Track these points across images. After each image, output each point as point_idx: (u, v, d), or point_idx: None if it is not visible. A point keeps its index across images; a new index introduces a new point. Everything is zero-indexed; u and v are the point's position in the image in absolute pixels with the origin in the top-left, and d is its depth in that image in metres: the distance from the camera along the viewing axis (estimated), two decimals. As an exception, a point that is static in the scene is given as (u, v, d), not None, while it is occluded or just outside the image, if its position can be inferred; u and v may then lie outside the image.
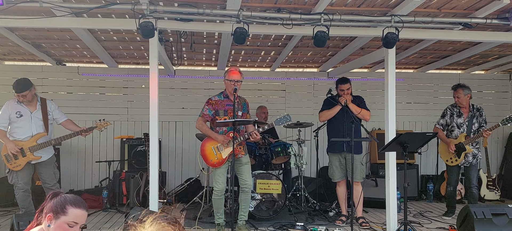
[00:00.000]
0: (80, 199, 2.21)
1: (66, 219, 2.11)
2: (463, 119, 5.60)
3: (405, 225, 4.21)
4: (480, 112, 5.61)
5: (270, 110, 6.99)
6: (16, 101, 4.86)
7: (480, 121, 5.59)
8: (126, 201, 6.31)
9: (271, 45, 6.15)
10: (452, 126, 5.65)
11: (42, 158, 4.83)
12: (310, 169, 7.44)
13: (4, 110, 4.83)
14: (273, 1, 4.34)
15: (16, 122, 4.78)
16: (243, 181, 4.78)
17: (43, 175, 4.89)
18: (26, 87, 4.81)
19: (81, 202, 2.20)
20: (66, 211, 2.12)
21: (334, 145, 5.33)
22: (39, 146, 4.76)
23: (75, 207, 2.14)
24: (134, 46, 6.24)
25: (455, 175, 5.67)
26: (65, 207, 2.12)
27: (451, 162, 5.65)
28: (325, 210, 5.91)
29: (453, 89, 5.68)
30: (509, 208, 4.42)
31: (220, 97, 4.81)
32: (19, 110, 4.81)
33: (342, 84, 5.25)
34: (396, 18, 4.48)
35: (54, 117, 5.02)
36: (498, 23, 4.58)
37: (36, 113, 4.88)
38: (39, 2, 4.04)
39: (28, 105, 4.87)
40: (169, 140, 7.43)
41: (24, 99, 4.81)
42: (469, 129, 5.56)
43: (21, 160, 4.72)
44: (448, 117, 5.71)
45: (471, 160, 5.54)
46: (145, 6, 4.17)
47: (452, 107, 5.74)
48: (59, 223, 2.10)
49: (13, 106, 4.83)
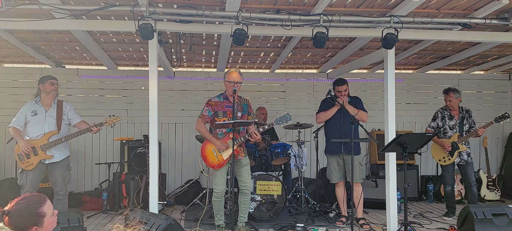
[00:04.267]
0: (36, 194, 2.27)
1: (48, 217, 2.19)
2: (454, 121, 5.73)
3: (405, 226, 4.21)
4: (469, 113, 5.81)
5: (269, 111, 6.99)
6: (34, 101, 4.94)
7: (470, 122, 5.77)
8: (126, 203, 6.31)
9: (270, 47, 6.15)
10: (445, 129, 5.77)
11: (55, 158, 4.82)
12: (310, 170, 7.44)
13: (22, 110, 4.91)
14: (272, 2, 4.34)
15: (31, 120, 4.84)
16: (243, 183, 4.78)
17: (52, 176, 4.88)
18: (54, 77, 4.97)
19: (39, 195, 2.27)
20: (43, 213, 2.17)
21: (332, 146, 5.32)
22: (51, 144, 4.77)
23: (43, 202, 2.20)
24: (134, 48, 6.24)
25: (451, 173, 5.77)
26: (39, 211, 2.17)
27: (443, 162, 5.75)
28: (325, 211, 5.91)
29: (445, 93, 5.82)
30: (509, 208, 4.41)
31: (220, 98, 4.80)
32: (34, 110, 4.88)
33: (338, 85, 5.26)
34: (395, 19, 4.48)
35: (69, 117, 5.01)
36: (497, 23, 4.58)
37: (51, 113, 4.91)
38: (38, 4, 4.05)
39: (44, 104, 4.92)
40: (169, 141, 7.42)
41: (53, 89, 4.90)
42: (461, 130, 5.71)
43: (33, 159, 4.74)
44: (439, 119, 5.82)
45: (466, 158, 5.66)
46: (144, 8, 4.18)
47: (442, 110, 5.86)
48: (45, 224, 2.17)
49: (30, 106, 4.91)
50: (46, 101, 4.92)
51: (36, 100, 4.94)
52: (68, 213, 4.30)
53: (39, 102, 4.92)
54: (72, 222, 4.07)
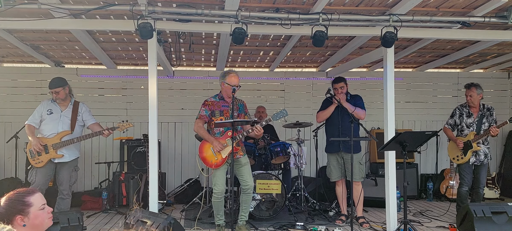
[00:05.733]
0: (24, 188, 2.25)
1: (35, 208, 2.15)
2: (473, 119, 5.38)
3: (405, 224, 4.22)
4: (490, 111, 5.40)
5: (269, 110, 6.98)
6: (50, 100, 4.95)
7: (490, 121, 5.35)
8: (125, 202, 6.31)
9: (269, 45, 6.15)
10: (462, 126, 5.44)
11: (64, 158, 4.84)
12: (310, 168, 7.45)
13: (39, 108, 4.93)
14: (272, 1, 4.34)
15: (46, 119, 4.86)
16: (244, 182, 4.78)
17: (59, 176, 4.89)
18: (59, 84, 4.89)
19: (31, 188, 2.27)
20: (28, 202, 2.14)
21: (331, 144, 5.34)
22: (63, 143, 4.79)
23: (31, 193, 2.18)
24: (133, 47, 6.23)
25: (468, 174, 5.31)
26: (24, 199, 2.14)
27: (457, 160, 5.41)
28: (325, 210, 5.91)
29: (466, 87, 5.43)
30: (508, 206, 4.43)
31: (216, 99, 4.81)
32: (50, 108, 4.90)
33: (336, 83, 5.31)
34: (395, 17, 4.48)
35: (84, 119, 5.04)
36: (496, 22, 4.58)
37: (66, 113, 4.93)
38: (37, 4, 4.04)
39: (60, 104, 4.94)
40: (168, 141, 7.42)
41: (57, 97, 4.88)
42: (478, 128, 5.34)
43: (44, 157, 4.76)
44: (457, 117, 5.48)
45: (482, 158, 5.30)
46: (144, 7, 4.17)
47: (461, 107, 5.51)
48: (32, 216, 2.13)
49: (47, 104, 4.93)
50: (63, 101, 4.95)
51: (52, 100, 4.96)
52: (68, 213, 4.30)
53: (55, 102, 4.95)
54: (72, 221, 4.07)
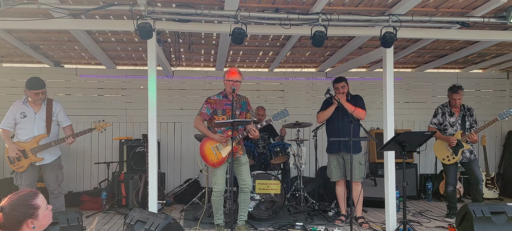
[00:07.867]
0: (27, 189, 2.27)
1: (42, 209, 2.18)
2: (455, 118, 5.62)
3: (404, 224, 4.22)
4: (470, 112, 5.66)
5: (268, 110, 6.98)
6: (22, 101, 4.83)
7: (471, 121, 5.62)
8: (125, 202, 6.31)
9: (269, 46, 6.15)
10: (445, 125, 5.66)
11: (45, 160, 4.79)
12: (309, 169, 7.45)
13: (10, 111, 4.80)
14: (271, 1, 4.34)
15: (20, 122, 4.76)
16: (243, 181, 4.78)
17: (46, 177, 4.87)
18: (43, 83, 4.81)
19: (31, 190, 2.27)
20: (36, 205, 2.16)
21: (332, 145, 5.35)
22: (41, 147, 4.73)
23: (35, 195, 2.20)
24: (132, 48, 6.23)
25: (453, 173, 5.63)
26: (32, 203, 2.16)
27: (448, 161, 5.58)
28: (324, 210, 5.92)
29: (453, 91, 5.58)
30: (507, 206, 4.42)
31: (219, 97, 4.82)
32: (23, 111, 4.77)
33: (337, 82, 5.33)
34: (394, 18, 4.48)
35: (59, 119, 4.94)
36: (495, 22, 4.58)
37: (40, 115, 4.82)
38: (36, 4, 4.04)
39: (33, 106, 4.82)
40: (167, 141, 7.42)
41: (42, 97, 4.78)
42: (463, 127, 5.58)
43: (24, 162, 4.71)
44: (440, 115, 5.72)
45: (468, 155, 5.54)
46: (143, 7, 4.17)
47: (443, 106, 5.76)
48: (40, 217, 2.17)
49: (19, 107, 4.80)
50: (34, 103, 4.81)
51: (24, 101, 4.82)
52: (67, 213, 4.29)
53: (27, 103, 4.82)
54: (72, 221, 4.06)
